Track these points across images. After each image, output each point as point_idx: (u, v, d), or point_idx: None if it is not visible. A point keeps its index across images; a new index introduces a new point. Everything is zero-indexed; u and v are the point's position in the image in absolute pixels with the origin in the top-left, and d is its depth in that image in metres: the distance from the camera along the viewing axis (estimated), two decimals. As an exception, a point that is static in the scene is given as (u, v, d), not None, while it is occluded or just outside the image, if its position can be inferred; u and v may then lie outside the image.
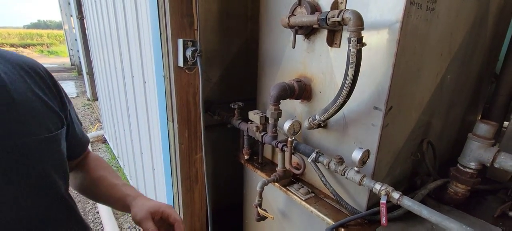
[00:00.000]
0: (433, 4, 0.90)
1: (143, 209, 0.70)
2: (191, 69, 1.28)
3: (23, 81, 0.56)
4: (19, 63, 0.57)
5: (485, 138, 1.00)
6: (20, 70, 0.57)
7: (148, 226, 0.67)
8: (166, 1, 1.14)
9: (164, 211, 0.72)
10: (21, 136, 0.51)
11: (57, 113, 0.61)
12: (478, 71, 1.40)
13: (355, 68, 0.83)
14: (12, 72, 0.55)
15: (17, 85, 0.54)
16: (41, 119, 0.56)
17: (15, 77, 0.55)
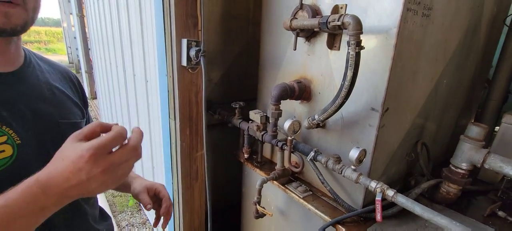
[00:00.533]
0: (428, 11, 0.94)
1: (141, 185, 0.86)
2: (194, 69, 1.31)
3: (60, 81, 0.74)
4: (58, 68, 0.76)
5: (476, 140, 1.05)
6: (58, 73, 0.75)
7: (143, 197, 0.82)
8: (172, 2, 1.17)
9: (157, 188, 0.88)
10: (59, 118, 0.67)
11: (80, 108, 0.77)
12: (471, 77, 1.45)
13: (353, 70, 0.87)
14: (52, 73, 0.72)
15: (56, 82, 0.71)
16: (70, 109, 0.72)
17: (55, 77, 0.73)
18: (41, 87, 0.66)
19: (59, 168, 0.44)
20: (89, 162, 0.43)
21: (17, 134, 0.57)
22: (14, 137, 0.56)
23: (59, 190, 0.44)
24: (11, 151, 0.56)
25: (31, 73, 0.65)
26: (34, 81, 0.65)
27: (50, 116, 0.65)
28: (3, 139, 0.54)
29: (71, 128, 0.66)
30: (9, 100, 0.58)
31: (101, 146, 0.44)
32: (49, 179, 0.44)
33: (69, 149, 0.45)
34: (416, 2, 0.88)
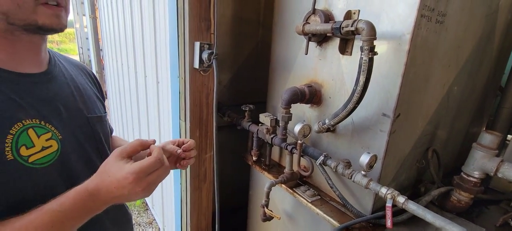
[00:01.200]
0: (442, 18, 0.94)
1: None
2: (206, 71, 1.33)
3: (81, 76, 0.78)
4: (75, 64, 0.80)
5: (489, 148, 1.04)
6: (77, 68, 0.78)
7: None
8: (186, 6, 1.20)
9: None
10: (87, 113, 0.71)
11: (101, 102, 0.82)
12: (484, 84, 1.44)
13: (366, 76, 0.87)
14: (73, 70, 0.76)
15: (78, 78, 0.75)
16: (95, 103, 0.77)
17: (76, 73, 0.76)
18: (68, 85, 0.69)
19: (105, 181, 0.54)
20: (132, 183, 0.53)
21: (58, 130, 0.61)
22: (56, 133, 0.60)
23: (105, 199, 0.55)
24: (56, 145, 0.60)
25: (58, 72, 0.68)
26: (62, 79, 0.68)
27: (80, 112, 0.69)
28: (48, 135, 0.59)
29: (98, 121, 0.74)
30: (46, 99, 0.61)
31: (143, 171, 0.54)
32: (97, 190, 0.54)
33: (115, 166, 0.55)
34: (430, 8, 0.88)
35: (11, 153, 0.52)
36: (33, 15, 0.54)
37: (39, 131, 0.57)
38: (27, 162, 0.54)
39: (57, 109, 0.63)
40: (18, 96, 0.56)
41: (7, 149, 0.52)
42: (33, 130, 0.56)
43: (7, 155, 0.52)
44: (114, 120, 3.65)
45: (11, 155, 0.52)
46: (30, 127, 0.56)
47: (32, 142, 0.55)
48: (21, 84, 0.57)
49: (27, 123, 0.55)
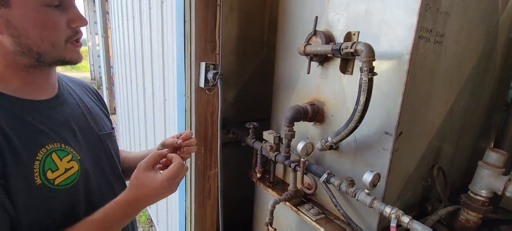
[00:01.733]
0: (440, 38, 0.97)
1: None
2: (211, 90, 1.37)
3: (87, 96, 0.80)
4: (79, 83, 0.82)
5: (495, 166, 1.02)
6: (82, 88, 0.81)
7: None
8: (193, 29, 1.26)
9: None
10: (98, 130, 0.75)
11: (108, 118, 0.85)
12: (489, 100, 1.43)
13: (366, 95, 0.89)
14: (78, 90, 0.78)
15: (85, 98, 0.78)
16: (103, 120, 0.80)
17: (82, 92, 0.78)
18: (78, 105, 0.72)
19: (143, 191, 0.63)
20: (166, 188, 0.63)
21: (76, 151, 0.64)
22: (75, 153, 0.64)
23: (143, 206, 0.65)
24: (77, 166, 0.64)
25: (68, 94, 0.71)
26: (72, 100, 0.71)
27: (92, 130, 0.73)
28: (69, 157, 0.62)
29: (108, 137, 0.78)
30: (62, 122, 0.65)
31: (173, 176, 0.63)
32: (136, 200, 0.63)
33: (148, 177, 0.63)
34: (428, 30, 0.90)
35: (39, 178, 0.56)
36: (63, 52, 0.59)
37: (61, 153, 0.61)
38: (53, 184, 0.58)
39: (73, 130, 0.66)
40: (40, 122, 0.59)
41: (36, 175, 0.56)
42: (56, 154, 0.60)
43: (36, 180, 0.56)
44: (122, 135, 3.72)
45: (39, 180, 0.56)
46: (53, 151, 0.59)
47: (56, 165, 0.59)
48: (40, 111, 0.61)
49: (50, 147, 0.59)
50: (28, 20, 0.53)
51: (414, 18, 0.85)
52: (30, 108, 0.59)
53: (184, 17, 1.31)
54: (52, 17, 0.56)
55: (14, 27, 0.53)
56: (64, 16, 0.58)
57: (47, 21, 0.55)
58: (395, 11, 0.90)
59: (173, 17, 1.54)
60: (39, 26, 0.55)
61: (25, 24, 0.53)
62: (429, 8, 0.87)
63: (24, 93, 0.59)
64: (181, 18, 1.34)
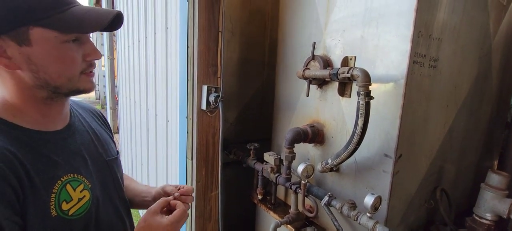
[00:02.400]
0: (435, 62, 1.00)
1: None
2: (213, 112, 1.40)
3: (95, 121, 0.81)
4: (87, 108, 0.83)
5: (498, 189, 1.01)
6: (89, 113, 0.82)
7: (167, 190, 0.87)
8: (195, 53, 1.31)
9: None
10: (105, 156, 0.76)
11: (113, 141, 0.86)
12: (488, 120, 1.44)
13: (364, 118, 0.91)
14: (86, 115, 0.79)
15: (93, 124, 0.79)
16: (110, 145, 0.81)
17: (90, 118, 0.80)
18: (87, 132, 0.74)
19: None
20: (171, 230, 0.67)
21: (87, 179, 0.66)
22: (86, 182, 0.66)
23: None
24: (88, 195, 0.65)
25: (78, 122, 0.73)
26: (81, 128, 0.73)
27: (100, 156, 0.74)
28: (81, 186, 0.64)
29: (114, 163, 0.80)
30: (74, 151, 0.66)
31: (177, 220, 0.68)
32: None
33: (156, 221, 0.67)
34: (422, 55, 0.94)
35: (55, 210, 0.58)
36: (77, 84, 0.62)
37: (74, 184, 0.63)
38: (67, 215, 0.60)
39: (84, 159, 0.68)
40: (55, 154, 0.61)
41: (52, 207, 0.57)
42: (70, 185, 0.61)
43: (52, 212, 0.58)
44: (124, 154, 3.73)
45: (55, 212, 0.58)
46: (67, 182, 0.61)
47: (70, 196, 0.61)
48: (56, 142, 0.63)
49: (65, 179, 0.61)
50: (48, 57, 0.56)
51: (407, 44, 0.89)
52: (46, 140, 0.61)
53: (187, 42, 1.37)
54: (70, 53, 0.58)
55: (34, 64, 0.55)
56: (80, 51, 0.60)
57: (66, 57, 0.58)
58: (389, 38, 0.94)
59: (177, 42, 1.61)
60: (58, 62, 0.57)
61: (44, 61, 0.56)
62: (422, 34, 0.91)
63: (40, 125, 0.61)
64: (184, 43, 1.39)
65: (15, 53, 0.54)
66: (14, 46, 0.53)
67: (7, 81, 0.57)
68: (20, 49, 0.54)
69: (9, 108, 0.58)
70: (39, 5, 0.53)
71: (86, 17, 0.57)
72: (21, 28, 0.53)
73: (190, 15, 1.32)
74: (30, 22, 0.53)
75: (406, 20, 0.89)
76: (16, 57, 0.54)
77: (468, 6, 1.06)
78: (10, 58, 0.54)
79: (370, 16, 0.99)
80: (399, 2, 0.90)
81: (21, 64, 0.55)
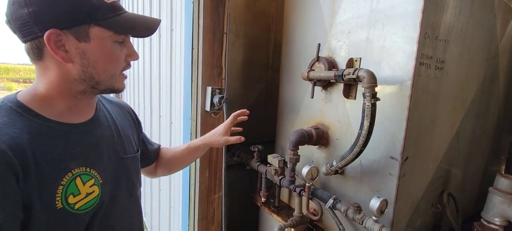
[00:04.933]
0: (441, 64, 0.99)
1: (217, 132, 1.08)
2: (217, 114, 1.40)
3: (121, 116, 0.83)
4: (116, 103, 0.86)
5: (507, 193, 1.00)
6: (117, 108, 0.84)
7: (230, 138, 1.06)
8: (200, 55, 1.31)
9: None
10: (123, 154, 0.77)
11: (136, 138, 0.88)
12: (496, 123, 1.42)
13: (370, 121, 0.90)
14: (113, 110, 0.81)
15: (119, 119, 0.80)
16: (131, 143, 0.82)
17: (117, 113, 0.82)
18: (110, 127, 0.75)
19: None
20: None
21: (100, 174, 0.67)
22: (98, 177, 0.67)
23: None
24: (98, 190, 0.66)
25: (103, 116, 0.75)
26: (105, 123, 0.74)
27: (118, 153, 0.75)
28: (92, 181, 0.65)
29: (131, 161, 0.80)
30: (92, 145, 0.68)
31: None
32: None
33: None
34: (428, 56, 0.93)
35: (60, 202, 0.59)
36: (115, 82, 0.67)
37: (85, 178, 0.64)
38: (73, 209, 0.61)
39: (101, 154, 0.69)
40: (72, 147, 0.63)
41: (58, 198, 0.58)
42: (80, 178, 0.62)
43: (57, 204, 0.58)
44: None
45: (60, 204, 0.59)
46: (78, 175, 0.62)
47: (79, 189, 0.62)
48: (75, 135, 0.64)
49: (76, 171, 0.62)
50: (100, 53, 0.61)
51: (414, 45, 0.88)
52: (65, 132, 0.63)
53: (192, 44, 1.37)
54: (117, 52, 0.64)
55: (87, 58, 0.60)
56: (124, 51, 0.66)
57: (113, 55, 0.64)
58: (395, 39, 0.93)
59: (181, 44, 1.61)
60: (107, 59, 0.63)
61: (97, 57, 0.61)
62: (428, 36, 0.90)
63: (64, 117, 0.63)
64: (189, 45, 1.40)
65: (72, 47, 0.58)
66: (73, 41, 0.58)
67: (51, 72, 0.60)
68: (78, 44, 0.59)
69: (39, 99, 0.61)
70: (100, 8, 0.59)
71: (137, 22, 0.66)
72: (82, 26, 0.58)
73: (195, 17, 1.33)
74: (92, 21, 0.58)
75: (412, 21, 0.88)
76: (72, 51, 0.58)
77: (475, 7, 1.05)
78: (67, 52, 0.58)
79: (376, 18, 0.99)
80: (405, 3, 0.90)
81: (75, 58, 0.59)
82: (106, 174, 0.70)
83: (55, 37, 0.56)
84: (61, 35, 0.56)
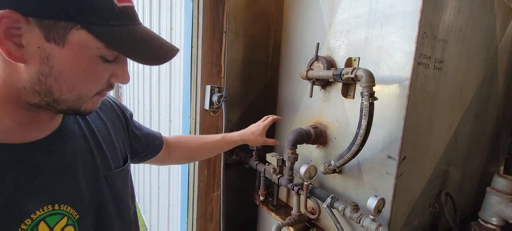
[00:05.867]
0: (440, 64, 0.99)
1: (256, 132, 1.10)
2: (216, 112, 1.40)
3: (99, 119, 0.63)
4: None
5: (504, 193, 1.00)
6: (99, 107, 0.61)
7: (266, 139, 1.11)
8: (199, 54, 1.31)
9: None
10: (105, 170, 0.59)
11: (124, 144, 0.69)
12: (494, 124, 1.42)
13: (368, 120, 0.90)
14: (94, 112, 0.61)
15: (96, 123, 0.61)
16: (115, 154, 0.63)
17: (96, 115, 0.62)
18: (85, 136, 0.56)
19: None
20: None
21: (74, 208, 0.51)
22: (72, 213, 0.51)
23: None
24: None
25: (73, 124, 0.55)
26: (77, 132, 0.55)
27: (98, 171, 0.57)
28: (64, 221, 0.49)
29: (118, 176, 0.62)
30: (62, 168, 0.50)
31: None
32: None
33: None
34: (426, 56, 0.93)
35: None
36: (83, 104, 0.48)
37: (53, 220, 0.47)
38: None
39: (75, 178, 0.52)
40: (29, 178, 0.45)
41: None
42: (45, 223, 0.46)
43: None
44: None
45: None
46: (41, 220, 0.45)
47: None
48: (32, 160, 0.46)
49: (38, 215, 0.45)
50: (73, 65, 0.43)
51: (412, 45, 0.88)
52: (16, 159, 0.44)
53: (191, 42, 1.38)
54: (99, 69, 0.46)
55: (50, 66, 0.42)
56: (110, 69, 0.48)
57: (93, 73, 0.45)
58: (394, 39, 0.93)
59: (181, 42, 1.61)
60: (79, 75, 0.44)
61: (65, 68, 0.42)
62: (427, 36, 0.90)
63: (13, 136, 0.45)
64: (188, 43, 1.40)
65: (32, 43, 0.40)
66: (37, 36, 0.40)
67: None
68: (43, 43, 0.40)
69: None
70: (100, 9, 0.41)
71: (146, 44, 0.46)
72: (61, 22, 0.40)
73: (195, 15, 1.33)
74: (79, 22, 0.40)
75: (411, 21, 0.88)
76: (30, 48, 0.40)
77: (474, 8, 1.05)
78: (21, 47, 0.40)
79: (375, 17, 0.99)
80: (404, 3, 0.90)
81: (31, 59, 0.41)
82: (84, 204, 0.53)
83: (9, 22, 0.38)
84: (20, 22, 0.38)
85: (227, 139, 1.04)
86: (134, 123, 0.77)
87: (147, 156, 0.84)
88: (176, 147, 0.95)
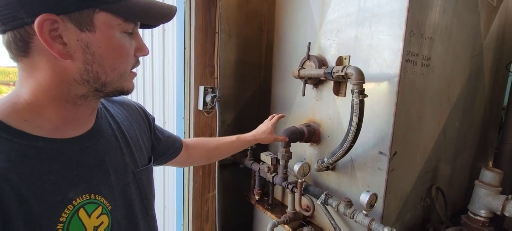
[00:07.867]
0: (427, 61, 1.02)
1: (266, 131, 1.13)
2: (209, 113, 1.41)
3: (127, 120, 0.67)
4: (120, 102, 0.69)
5: (491, 185, 1.03)
6: (122, 109, 0.68)
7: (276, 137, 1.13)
8: (192, 54, 1.32)
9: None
10: (134, 167, 0.64)
11: (149, 144, 0.74)
12: (482, 119, 1.46)
13: (359, 117, 0.92)
14: (118, 113, 0.65)
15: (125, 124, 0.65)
16: (141, 153, 0.68)
17: (122, 116, 0.66)
18: (116, 136, 0.61)
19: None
20: None
21: (107, 199, 0.55)
22: (106, 204, 0.54)
23: None
24: (107, 220, 0.54)
25: (105, 124, 0.60)
26: (108, 131, 0.60)
27: (127, 168, 0.61)
28: (99, 210, 0.52)
29: (144, 173, 0.66)
30: (95, 163, 0.54)
31: None
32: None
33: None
34: (414, 54, 0.95)
35: None
36: (124, 82, 0.53)
37: (90, 208, 0.51)
38: None
39: (106, 173, 0.56)
40: (69, 169, 0.49)
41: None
42: (84, 210, 0.50)
43: None
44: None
45: None
46: (81, 206, 0.49)
47: (83, 224, 0.49)
48: (72, 154, 0.51)
49: (78, 202, 0.49)
50: (107, 46, 0.47)
51: (400, 43, 0.91)
52: (59, 152, 0.49)
53: (184, 44, 1.38)
54: (127, 45, 0.50)
55: (92, 53, 0.46)
56: (133, 44, 0.52)
57: (123, 48, 0.50)
58: (382, 37, 0.96)
59: (174, 44, 1.62)
60: (116, 54, 0.49)
61: (103, 51, 0.47)
62: (414, 34, 0.93)
63: (57, 132, 0.49)
64: (181, 44, 1.40)
65: (72, 38, 0.44)
66: (73, 30, 0.44)
67: (40, 73, 0.46)
68: (80, 35, 0.44)
69: (22, 111, 0.46)
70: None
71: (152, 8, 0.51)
72: (85, 10, 0.44)
73: (187, 16, 1.33)
74: (97, 5, 0.44)
75: (398, 19, 0.91)
76: (72, 43, 0.44)
77: (459, 6, 1.09)
78: (66, 45, 0.44)
79: (364, 16, 1.01)
80: (391, 2, 0.92)
81: (75, 53, 0.45)
82: (115, 197, 0.57)
83: (49, 24, 0.42)
84: (57, 22, 0.42)
85: (241, 139, 1.09)
86: (156, 126, 0.82)
87: (168, 157, 0.86)
88: (194, 149, 0.98)
